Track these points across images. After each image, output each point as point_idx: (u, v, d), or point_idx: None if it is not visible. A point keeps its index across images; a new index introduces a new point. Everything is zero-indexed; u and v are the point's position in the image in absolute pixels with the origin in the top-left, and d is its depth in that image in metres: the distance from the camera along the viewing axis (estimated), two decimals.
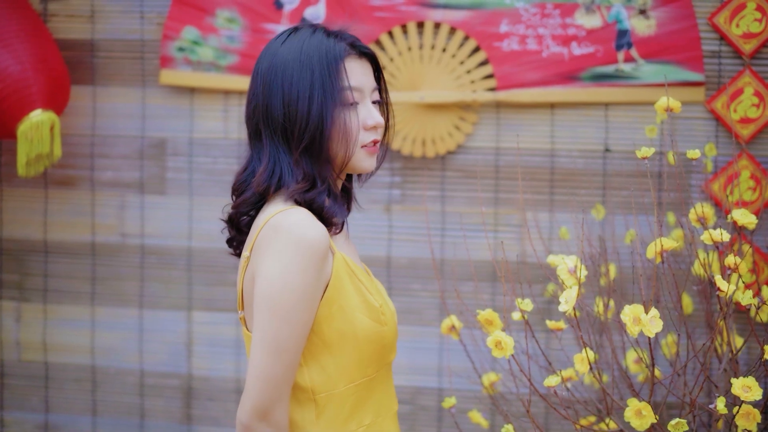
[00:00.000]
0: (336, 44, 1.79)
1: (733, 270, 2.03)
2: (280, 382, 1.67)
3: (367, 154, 1.81)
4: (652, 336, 1.95)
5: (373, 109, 1.82)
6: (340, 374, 1.76)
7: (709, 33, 3.00)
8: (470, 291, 3.12)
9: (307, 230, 1.67)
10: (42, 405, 3.44)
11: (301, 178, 1.75)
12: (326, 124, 1.74)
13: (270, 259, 1.67)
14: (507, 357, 2.10)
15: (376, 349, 1.79)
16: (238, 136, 3.25)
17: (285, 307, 1.66)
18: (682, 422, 1.97)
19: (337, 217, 1.78)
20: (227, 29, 3.18)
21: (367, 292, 1.79)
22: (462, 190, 3.14)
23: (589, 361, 2.12)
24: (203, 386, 3.33)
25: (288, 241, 1.66)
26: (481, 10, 3.07)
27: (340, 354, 1.76)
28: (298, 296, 1.66)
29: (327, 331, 1.74)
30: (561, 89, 3.06)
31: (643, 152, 2.11)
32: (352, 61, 1.80)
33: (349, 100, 1.77)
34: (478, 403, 3.10)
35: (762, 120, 2.96)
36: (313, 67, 1.75)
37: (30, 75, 3.02)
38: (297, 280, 1.66)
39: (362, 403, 1.80)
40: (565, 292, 2.03)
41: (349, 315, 1.75)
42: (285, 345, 1.67)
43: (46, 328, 3.42)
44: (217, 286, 3.30)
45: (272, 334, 1.66)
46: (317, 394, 1.76)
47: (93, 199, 3.36)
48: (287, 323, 1.66)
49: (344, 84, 1.77)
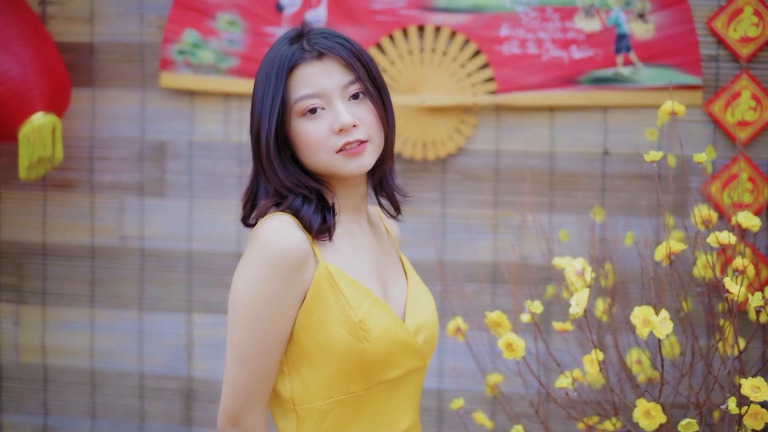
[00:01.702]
0: (286, 53, 1.71)
1: (741, 272, 2.05)
2: (249, 389, 1.66)
3: (346, 157, 1.71)
4: (663, 337, 1.97)
5: (340, 110, 1.70)
6: (318, 387, 1.71)
7: (707, 37, 3.04)
8: (470, 293, 3.13)
9: (279, 238, 1.64)
10: (41, 408, 3.44)
11: (271, 193, 1.74)
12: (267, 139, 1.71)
13: (241, 266, 1.66)
14: (518, 359, 2.12)
15: (357, 365, 1.70)
16: (237, 139, 3.25)
17: (247, 315, 1.64)
18: (692, 422, 2.00)
19: (314, 225, 1.70)
20: (228, 32, 3.19)
21: (348, 305, 1.69)
22: (462, 193, 3.16)
23: (598, 361, 2.14)
24: (203, 388, 3.33)
25: (258, 249, 1.64)
26: (481, 13, 3.10)
27: (319, 367, 1.70)
28: (263, 305, 1.63)
29: (305, 342, 1.69)
30: (560, 92, 3.09)
31: (651, 156, 2.14)
32: (305, 66, 1.71)
33: (307, 109, 1.70)
34: (477, 404, 3.12)
35: (759, 123, 3.00)
36: (262, 86, 1.72)
37: (31, 78, 3.02)
38: (261, 288, 1.63)
39: (349, 421, 1.74)
40: (575, 294, 2.05)
41: (327, 328, 1.68)
42: (250, 353, 1.65)
43: (44, 330, 3.41)
44: (216, 289, 3.30)
45: (237, 341, 1.66)
46: (297, 405, 1.72)
47: (92, 202, 3.36)
48: (250, 331, 1.64)
49: (298, 95, 1.70)
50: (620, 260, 2.97)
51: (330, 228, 1.73)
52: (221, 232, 3.29)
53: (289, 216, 1.69)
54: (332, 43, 1.73)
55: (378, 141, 1.76)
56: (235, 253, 3.27)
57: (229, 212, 3.27)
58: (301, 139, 1.71)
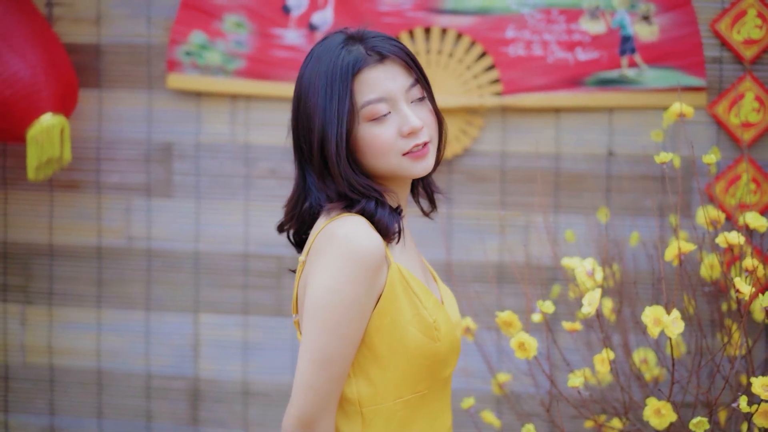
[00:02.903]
0: (348, 57, 1.71)
1: (751, 272, 2.08)
2: (325, 393, 1.65)
3: (412, 160, 1.74)
4: (674, 336, 2.00)
5: (408, 114, 1.72)
6: (388, 388, 1.72)
7: (711, 39, 3.06)
8: (476, 293, 3.15)
9: (361, 240, 1.64)
10: (47, 408, 3.45)
11: (334, 198, 1.72)
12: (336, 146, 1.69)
13: (322, 268, 1.65)
14: (530, 358, 2.14)
15: (428, 364, 1.74)
16: (244, 140, 3.27)
17: (333, 319, 1.63)
18: (704, 421, 2.02)
19: (391, 227, 1.73)
20: (235, 34, 3.21)
21: (422, 306, 1.73)
22: (469, 193, 3.18)
23: (609, 360, 2.17)
24: (210, 388, 3.35)
25: (341, 252, 1.63)
26: (487, 16, 3.12)
27: (390, 368, 1.71)
28: (348, 308, 1.63)
29: (377, 344, 1.70)
30: (566, 94, 3.11)
31: (662, 157, 2.16)
32: (371, 70, 1.72)
33: (375, 114, 1.71)
34: (486, 404, 3.14)
35: (763, 124, 3.02)
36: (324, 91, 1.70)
37: (40, 79, 3.03)
38: (348, 291, 1.63)
39: (412, 419, 1.76)
40: (587, 294, 2.07)
41: (401, 329, 1.70)
42: (332, 357, 1.64)
43: (51, 331, 3.43)
44: (223, 289, 3.32)
45: (319, 345, 1.64)
46: (364, 407, 1.72)
47: (99, 203, 3.37)
48: (335, 335, 1.64)
49: (365, 99, 1.71)
50: (626, 260, 3.00)
51: (401, 230, 1.76)
52: (228, 233, 3.30)
53: (361, 218, 1.70)
54: (391, 46, 1.74)
55: (436, 141, 1.80)
56: (241, 253, 3.29)
57: (235, 213, 3.29)
58: (368, 144, 1.71)
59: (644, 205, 3.11)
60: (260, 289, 3.31)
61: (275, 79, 3.21)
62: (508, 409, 3.12)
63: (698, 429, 2.02)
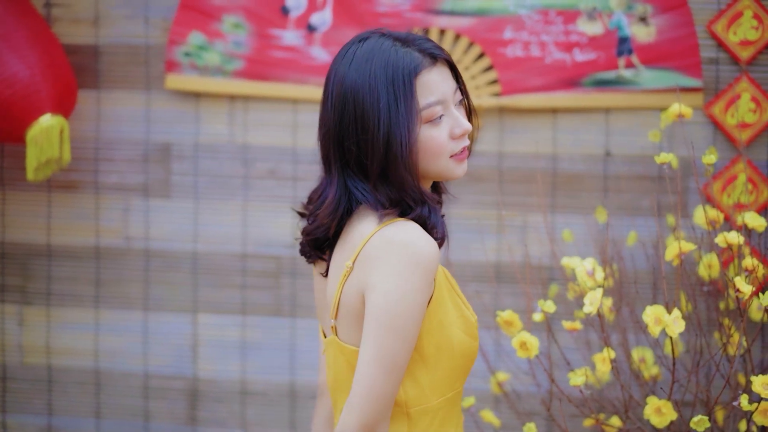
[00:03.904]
0: (406, 59, 1.70)
1: (751, 272, 2.10)
2: (388, 398, 1.65)
3: (457, 162, 1.75)
4: (675, 336, 2.01)
5: (459, 117, 1.74)
6: (433, 388, 1.73)
7: (708, 40, 3.08)
8: (474, 293, 3.17)
9: (423, 246, 1.64)
10: (45, 408, 3.45)
11: (388, 204, 1.70)
12: (403, 149, 1.67)
13: (386, 274, 1.63)
14: (531, 357, 2.16)
15: (466, 363, 1.78)
16: (243, 141, 3.28)
17: (400, 324, 1.63)
18: (704, 419, 2.04)
19: (441, 231, 1.74)
20: (233, 34, 3.21)
21: (464, 306, 1.78)
22: (467, 193, 3.19)
23: (610, 360, 2.18)
24: (208, 388, 3.36)
25: (405, 257, 1.63)
26: (485, 16, 3.13)
27: (435, 368, 1.73)
28: (414, 313, 1.64)
29: (426, 345, 1.71)
30: (563, 95, 3.13)
31: (662, 158, 2.18)
32: (428, 72, 1.71)
33: (434, 116, 1.70)
34: (485, 403, 3.15)
35: (759, 125, 3.05)
36: (386, 92, 1.68)
37: (39, 80, 3.04)
38: (414, 297, 1.63)
39: (449, 416, 1.79)
40: (589, 293, 2.09)
41: (447, 330, 1.72)
42: (398, 361, 1.64)
43: (49, 331, 3.43)
44: (222, 289, 3.32)
45: (386, 350, 1.63)
46: (411, 407, 1.73)
47: (97, 203, 3.37)
48: (402, 340, 1.64)
49: (426, 102, 1.69)
50: (623, 260, 3.01)
51: (447, 235, 1.79)
52: (226, 233, 3.31)
53: (415, 223, 1.69)
54: (439, 50, 1.74)
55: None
56: (240, 254, 3.30)
57: (234, 213, 3.30)
58: (425, 145, 1.70)
59: (641, 205, 3.13)
60: (259, 290, 3.31)
61: (274, 80, 3.22)
62: (507, 408, 3.14)
63: (699, 427, 2.04)
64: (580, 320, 2.74)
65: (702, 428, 2.04)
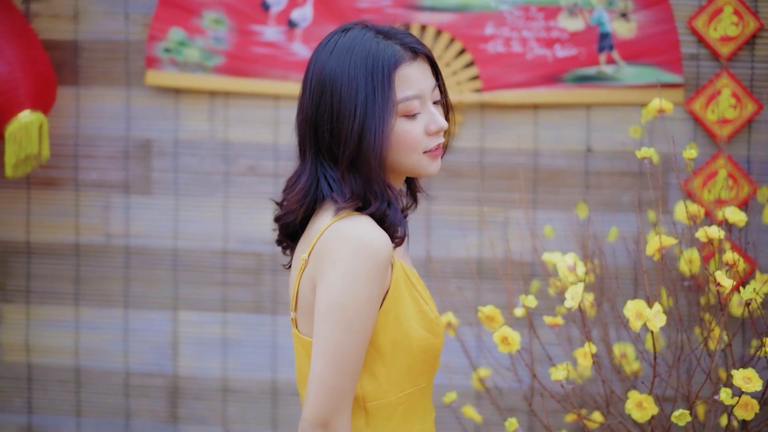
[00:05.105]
0: (387, 51, 1.69)
1: (732, 266, 2.10)
2: (341, 392, 1.65)
3: (431, 159, 1.75)
4: (656, 330, 2.02)
5: (435, 113, 1.74)
6: (391, 383, 1.73)
7: (688, 36, 3.09)
8: (455, 289, 3.17)
9: (373, 240, 1.64)
10: (25, 407, 3.43)
11: (349, 196, 1.69)
12: (376, 140, 1.66)
13: (335, 267, 1.64)
14: (513, 352, 2.15)
15: (428, 359, 1.77)
16: (223, 137, 3.26)
17: (348, 317, 1.63)
18: (685, 413, 2.04)
19: (400, 228, 1.74)
20: (214, 30, 3.20)
21: (423, 302, 1.77)
22: (448, 189, 3.19)
23: (591, 355, 2.18)
24: (189, 386, 3.34)
25: (354, 250, 1.63)
26: (466, 12, 3.13)
27: (393, 364, 1.73)
28: (362, 306, 1.63)
29: (381, 341, 1.71)
30: (544, 90, 3.13)
31: (643, 153, 2.18)
32: (407, 66, 1.71)
33: (410, 111, 1.70)
34: (467, 399, 3.15)
35: (739, 121, 3.06)
36: (364, 82, 1.67)
37: (18, 76, 3.02)
38: (362, 289, 1.63)
39: (411, 412, 1.78)
40: (570, 288, 2.09)
41: (405, 325, 1.72)
42: (347, 355, 1.64)
43: (29, 329, 3.40)
44: (202, 286, 3.31)
45: (335, 343, 1.63)
46: (368, 402, 1.73)
47: (77, 200, 3.35)
48: (350, 333, 1.63)
49: (403, 95, 1.69)
50: (604, 255, 3.02)
51: (407, 233, 1.79)
52: (207, 230, 3.30)
53: (369, 218, 1.69)
54: (421, 46, 1.74)
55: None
56: (220, 250, 3.29)
57: (214, 210, 3.28)
58: (399, 139, 1.70)
59: (622, 200, 3.13)
60: (239, 286, 3.30)
61: (254, 76, 3.20)
62: (489, 404, 3.14)
63: (680, 421, 2.04)
64: (562, 315, 2.74)
65: (683, 422, 2.04)
